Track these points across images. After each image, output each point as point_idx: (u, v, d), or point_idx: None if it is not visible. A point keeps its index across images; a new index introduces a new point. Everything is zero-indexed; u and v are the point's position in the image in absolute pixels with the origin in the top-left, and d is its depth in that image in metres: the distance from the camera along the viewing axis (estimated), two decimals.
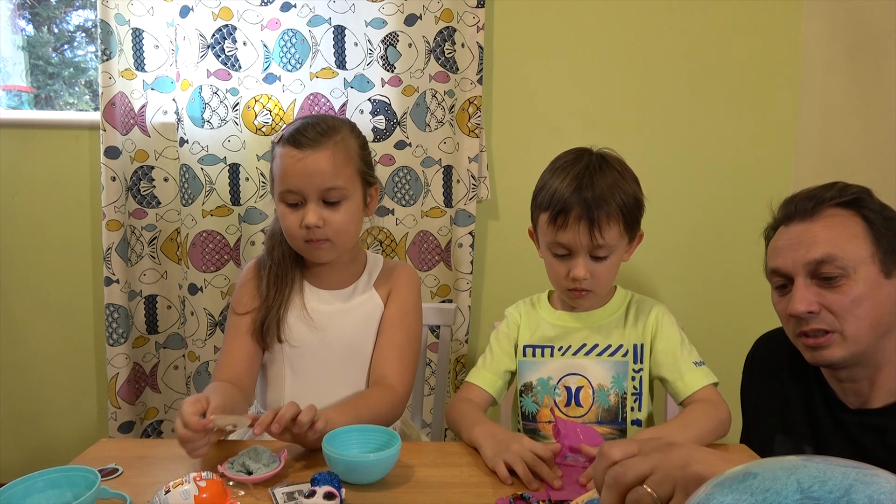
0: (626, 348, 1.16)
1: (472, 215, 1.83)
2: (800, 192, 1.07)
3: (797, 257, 1.01)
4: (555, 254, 1.13)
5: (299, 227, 1.13)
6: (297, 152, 1.11)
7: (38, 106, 2.17)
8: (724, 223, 1.96)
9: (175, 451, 1.05)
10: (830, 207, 1.01)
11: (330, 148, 1.12)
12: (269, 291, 1.20)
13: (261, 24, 1.80)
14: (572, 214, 1.07)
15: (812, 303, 0.99)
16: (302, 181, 1.12)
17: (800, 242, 1.01)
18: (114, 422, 1.86)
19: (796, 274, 1.01)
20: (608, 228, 1.08)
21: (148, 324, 1.91)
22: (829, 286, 0.98)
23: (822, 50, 1.83)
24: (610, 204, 1.08)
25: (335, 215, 1.14)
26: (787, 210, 1.06)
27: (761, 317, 1.96)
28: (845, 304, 0.97)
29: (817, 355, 1.02)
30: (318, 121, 1.16)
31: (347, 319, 1.21)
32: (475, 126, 1.80)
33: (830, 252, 0.98)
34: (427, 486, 0.91)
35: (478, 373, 1.22)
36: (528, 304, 1.27)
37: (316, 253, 1.17)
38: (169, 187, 1.87)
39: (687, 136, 1.93)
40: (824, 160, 1.83)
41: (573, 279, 1.11)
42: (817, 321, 1.00)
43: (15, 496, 0.79)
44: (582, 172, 1.10)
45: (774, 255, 1.06)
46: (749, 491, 0.49)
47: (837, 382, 1.06)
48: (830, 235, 0.99)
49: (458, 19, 1.79)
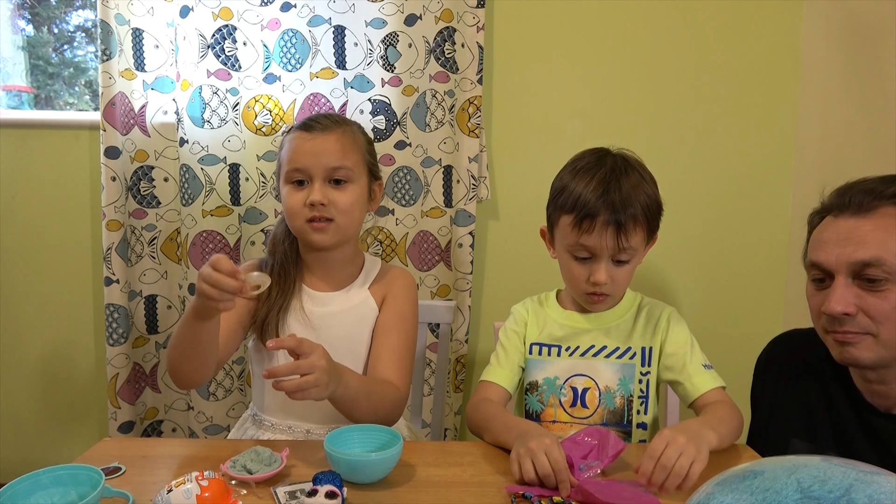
0: (635, 351, 1.17)
1: (472, 215, 1.84)
2: (857, 181, 1.00)
3: (842, 255, 0.95)
4: (576, 256, 1.12)
5: (303, 205, 1.15)
6: (308, 134, 1.17)
7: (38, 106, 2.17)
8: (723, 223, 1.96)
9: (177, 451, 1.05)
10: (888, 205, 0.95)
11: (339, 133, 1.18)
12: (269, 291, 1.20)
13: (261, 24, 1.80)
14: (599, 219, 1.07)
15: (850, 304, 0.94)
16: (310, 160, 1.15)
17: (848, 239, 0.95)
18: (114, 422, 1.86)
19: (838, 272, 0.96)
20: (634, 234, 1.08)
21: (148, 324, 1.91)
22: (871, 289, 0.93)
23: (822, 50, 1.83)
24: (636, 209, 1.08)
25: (341, 195, 1.16)
26: (839, 200, 0.99)
27: (761, 317, 1.98)
28: (886, 309, 0.93)
29: (845, 352, 0.97)
30: (329, 113, 1.22)
31: (342, 320, 1.22)
32: (475, 126, 1.80)
33: (879, 255, 0.92)
34: (429, 486, 0.91)
35: (493, 370, 1.21)
36: (535, 302, 1.27)
37: (317, 234, 1.16)
38: (169, 187, 1.87)
39: (686, 135, 1.93)
40: (824, 160, 1.83)
41: (594, 283, 1.11)
42: (851, 323, 0.95)
43: (20, 493, 0.79)
44: (608, 176, 1.09)
45: (817, 248, 0.99)
46: (749, 490, 0.49)
47: (865, 383, 1.01)
48: (882, 237, 0.93)
49: (458, 19, 1.79)
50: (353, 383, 1.03)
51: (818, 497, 0.45)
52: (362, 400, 1.06)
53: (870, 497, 0.43)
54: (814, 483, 0.46)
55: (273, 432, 1.20)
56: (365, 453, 0.93)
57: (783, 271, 1.98)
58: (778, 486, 0.48)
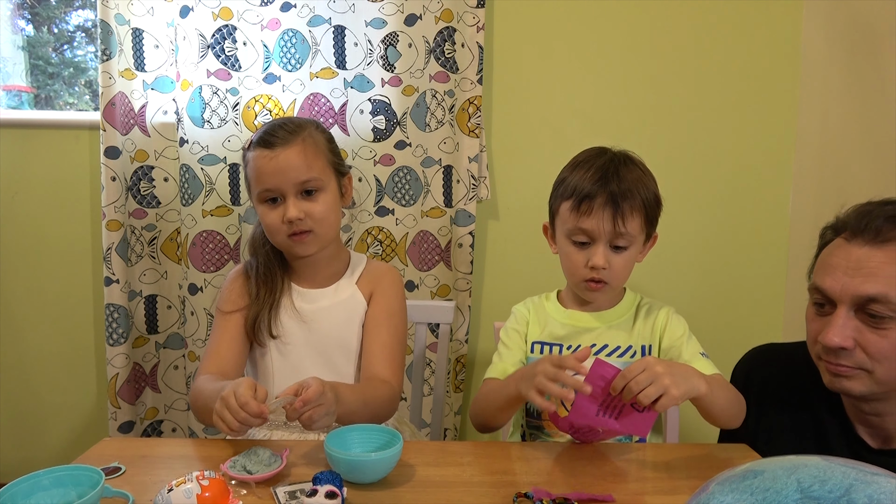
0: (635, 349, 1.17)
1: (472, 215, 1.84)
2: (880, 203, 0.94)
3: (849, 285, 0.90)
4: (574, 242, 1.14)
5: (281, 222, 1.16)
6: (269, 152, 1.15)
7: (38, 106, 2.17)
8: (723, 223, 1.96)
9: (177, 451, 1.05)
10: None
11: (299, 143, 1.17)
12: (258, 290, 1.23)
13: (261, 24, 1.80)
14: (598, 201, 1.09)
15: (848, 338, 0.90)
16: (277, 178, 1.15)
17: (857, 269, 0.89)
18: (114, 422, 1.86)
19: (841, 302, 0.91)
20: (631, 218, 1.10)
21: (148, 324, 1.91)
22: (872, 325, 0.89)
23: (822, 50, 1.83)
24: (635, 196, 1.10)
25: (315, 206, 1.17)
26: (857, 222, 0.93)
27: (761, 318, 1.98)
28: (885, 348, 0.88)
29: (836, 382, 0.94)
30: (283, 122, 1.20)
31: (332, 315, 1.24)
32: (475, 126, 1.80)
33: (887, 292, 0.87)
34: (429, 486, 0.91)
35: (497, 367, 1.21)
36: (536, 302, 1.27)
37: (300, 247, 1.19)
38: (169, 187, 1.87)
39: (686, 135, 1.93)
40: (824, 160, 1.83)
41: (592, 267, 1.12)
42: (847, 357, 0.91)
43: (20, 493, 0.79)
44: (607, 165, 1.13)
45: (823, 272, 0.94)
46: (749, 490, 0.49)
47: (859, 414, 0.98)
48: (893, 272, 0.87)
49: (458, 19, 1.79)
50: (349, 398, 1.04)
51: (818, 497, 0.45)
52: (360, 411, 1.07)
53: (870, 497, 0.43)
54: (814, 483, 0.46)
55: (269, 429, 1.20)
56: (365, 453, 0.93)
57: (783, 271, 1.98)
58: (778, 486, 0.48)
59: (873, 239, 0.90)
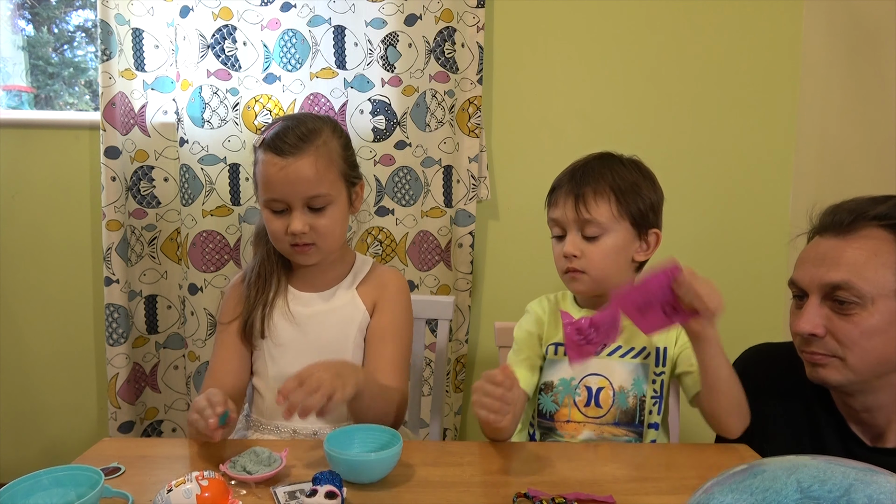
0: (649, 350, 1.16)
1: (472, 215, 1.84)
2: (847, 200, 0.99)
3: (815, 275, 0.95)
4: (553, 236, 1.17)
5: (285, 233, 1.14)
6: (280, 160, 1.11)
7: (38, 106, 2.17)
8: (723, 223, 1.96)
9: (177, 451, 1.05)
10: (871, 227, 0.93)
11: (312, 154, 1.12)
12: (250, 291, 1.22)
13: (261, 24, 1.80)
14: (562, 191, 1.13)
15: (818, 325, 0.94)
16: (285, 189, 1.12)
17: (823, 260, 0.95)
18: (114, 422, 1.86)
19: (811, 292, 0.96)
20: (594, 205, 1.10)
21: (148, 324, 1.91)
22: (840, 311, 0.93)
23: (822, 50, 1.83)
24: (598, 182, 1.11)
25: (320, 220, 1.14)
26: (824, 219, 0.99)
27: (761, 318, 1.98)
28: (853, 334, 0.92)
29: (814, 372, 0.98)
30: (298, 123, 1.15)
31: (326, 321, 1.22)
32: (475, 126, 1.80)
33: (849, 279, 0.91)
34: (428, 486, 0.91)
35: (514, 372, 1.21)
36: (551, 301, 1.26)
37: (301, 257, 1.18)
38: (169, 187, 1.87)
39: (686, 135, 1.93)
40: (824, 160, 1.83)
41: (564, 256, 1.13)
42: (819, 345, 0.95)
43: (20, 493, 0.79)
44: (584, 161, 1.16)
45: (797, 266, 1.00)
46: (749, 490, 0.49)
47: (850, 410, 1.00)
48: (857, 259, 0.92)
49: (458, 19, 1.79)
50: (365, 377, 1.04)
51: (818, 497, 0.45)
52: (379, 398, 1.07)
53: (870, 497, 0.43)
54: (814, 483, 0.46)
55: (262, 432, 1.20)
56: (364, 453, 0.93)
57: (783, 271, 1.97)
58: (778, 486, 0.48)
59: (838, 231, 0.96)
